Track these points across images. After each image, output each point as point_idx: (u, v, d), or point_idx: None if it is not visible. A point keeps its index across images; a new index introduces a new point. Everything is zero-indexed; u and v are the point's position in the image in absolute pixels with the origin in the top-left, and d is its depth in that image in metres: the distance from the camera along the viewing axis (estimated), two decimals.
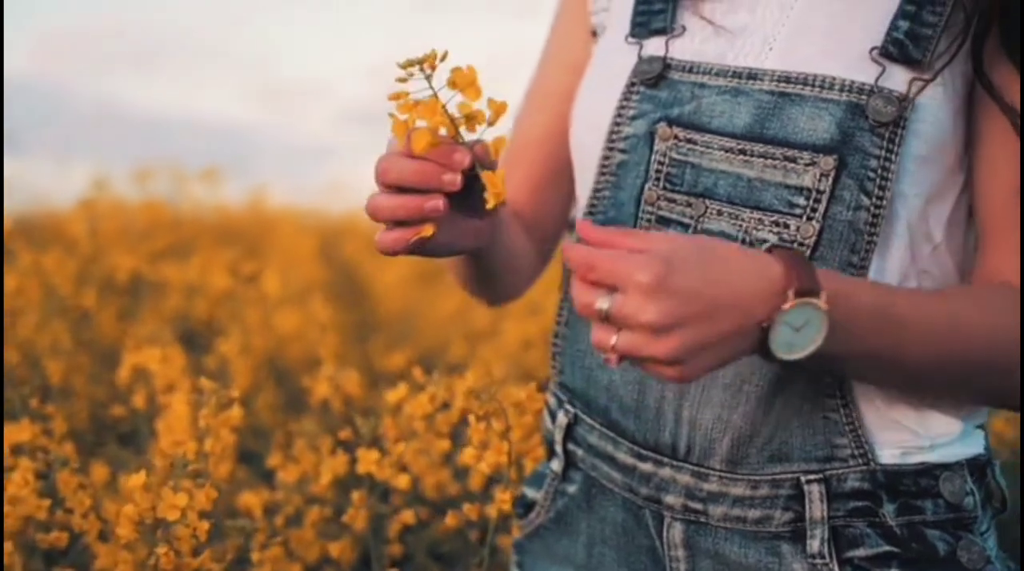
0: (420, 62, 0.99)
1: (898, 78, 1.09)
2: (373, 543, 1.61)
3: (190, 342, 2.75)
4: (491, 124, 1.02)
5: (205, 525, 1.31)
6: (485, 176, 1.02)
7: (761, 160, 1.11)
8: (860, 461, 1.11)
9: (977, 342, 1.06)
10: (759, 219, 1.11)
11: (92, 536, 1.47)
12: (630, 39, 1.21)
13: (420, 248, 1.06)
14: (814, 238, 1.09)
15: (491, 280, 1.30)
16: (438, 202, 1.02)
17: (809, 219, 1.09)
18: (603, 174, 1.20)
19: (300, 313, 2.86)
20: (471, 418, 1.26)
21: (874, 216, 1.09)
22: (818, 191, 1.09)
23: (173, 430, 1.63)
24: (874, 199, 1.08)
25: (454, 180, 1.01)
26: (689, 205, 1.14)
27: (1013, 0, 1.08)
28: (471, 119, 1.01)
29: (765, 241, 1.10)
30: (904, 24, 1.11)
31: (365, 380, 2.23)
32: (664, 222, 1.15)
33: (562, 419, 1.24)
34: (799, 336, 0.97)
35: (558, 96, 1.33)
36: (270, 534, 1.61)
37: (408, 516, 1.63)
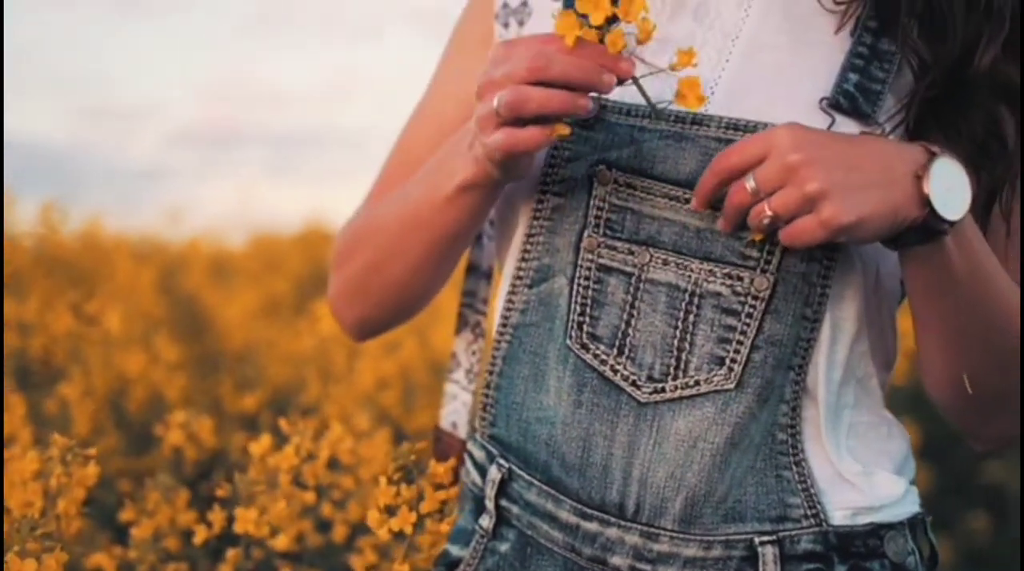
0: None
1: (847, 130, 1.08)
2: None
3: (24, 381, 2.62)
4: (640, 43, 1.03)
5: None
6: (685, 80, 1.03)
7: (711, 210, 1.08)
8: (813, 522, 1.10)
9: (1021, 322, 1.11)
10: (710, 271, 1.09)
11: None
12: None
13: (519, 162, 1.07)
14: (769, 291, 1.08)
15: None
16: (589, 102, 1.01)
17: (763, 271, 1.08)
18: (536, 218, 1.15)
19: (143, 351, 2.74)
20: (381, 480, 1.20)
21: (826, 268, 1.08)
22: (772, 243, 1.07)
23: (17, 488, 1.52)
24: (826, 250, 1.07)
25: (611, 82, 1.01)
26: (631, 253, 1.11)
27: (958, 84, 1.10)
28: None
29: (718, 294, 1.08)
30: (854, 77, 1.11)
31: (213, 421, 2.14)
32: (605, 270, 1.11)
33: (495, 474, 1.17)
34: (951, 194, 1.01)
35: (454, 133, 1.28)
36: None
37: None
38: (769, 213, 1.01)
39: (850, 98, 1.10)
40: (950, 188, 1.01)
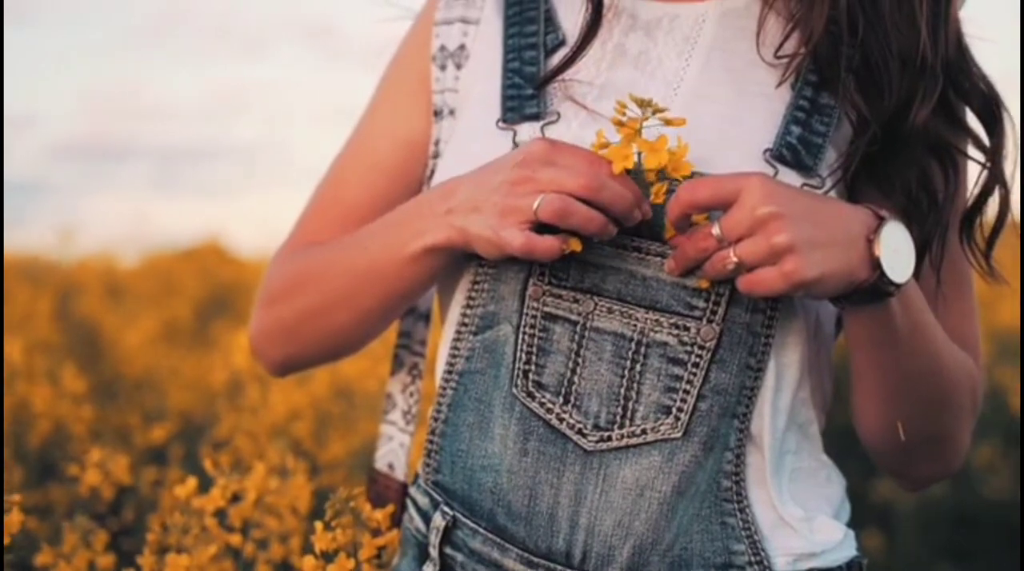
0: (656, 108, 1.06)
1: (790, 182, 1.10)
2: None
3: None
4: (652, 197, 1.08)
5: None
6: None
7: (658, 259, 1.10)
8: (757, 569, 1.11)
9: (952, 372, 1.17)
10: (656, 320, 1.10)
11: None
12: (502, 124, 1.17)
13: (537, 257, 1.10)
14: (715, 341, 1.09)
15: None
16: (615, 230, 1.07)
17: (710, 321, 1.09)
18: (482, 266, 1.15)
19: (46, 383, 2.67)
20: (318, 525, 1.18)
21: (770, 318, 1.10)
22: (717, 294, 1.09)
23: None
24: (770, 301, 1.09)
25: (638, 218, 1.08)
26: (576, 301, 1.11)
27: (898, 139, 1.13)
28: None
29: (664, 343, 1.10)
30: (796, 130, 1.13)
31: (121, 453, 2.09)
32: (551, 318, 1.12)
33: (439, 521, 1.16)
34: (898, 257, 1.04)
35: (388, 171, 1.28)
36: None
37: None
38: (734, 259, 1.02)
39: (793, 150, 1.12)
40: (897, 251, 1.04)
